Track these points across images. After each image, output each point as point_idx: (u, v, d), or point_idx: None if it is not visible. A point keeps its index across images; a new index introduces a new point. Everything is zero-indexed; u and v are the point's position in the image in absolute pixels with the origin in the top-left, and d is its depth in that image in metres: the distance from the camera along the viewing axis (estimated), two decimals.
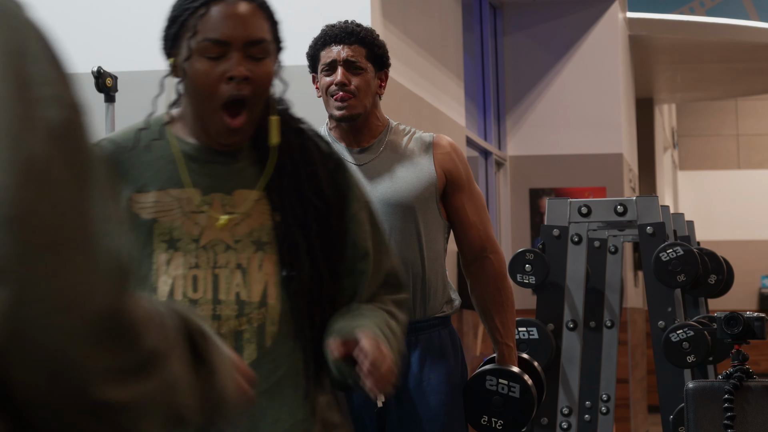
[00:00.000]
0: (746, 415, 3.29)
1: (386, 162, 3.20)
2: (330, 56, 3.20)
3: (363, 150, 3.22)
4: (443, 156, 3.22)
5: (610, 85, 8.81)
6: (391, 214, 3.15)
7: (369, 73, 3.20)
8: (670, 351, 4.00)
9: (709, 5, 9.95)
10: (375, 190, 3.16)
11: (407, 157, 3.20)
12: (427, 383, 3.18)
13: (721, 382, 3.33)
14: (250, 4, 2.12)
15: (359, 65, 3.19)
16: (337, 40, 3.21)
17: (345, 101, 3.17)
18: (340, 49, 3.20)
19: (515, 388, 3.20)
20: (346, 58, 3.19)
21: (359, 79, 3.18)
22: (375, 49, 3.22)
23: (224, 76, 2.09)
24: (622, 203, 4.21)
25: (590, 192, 8.59)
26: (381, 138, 3.23)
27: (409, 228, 3.16)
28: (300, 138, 2.17)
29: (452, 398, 3.19)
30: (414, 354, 3.19)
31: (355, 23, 3.24)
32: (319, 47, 3.24)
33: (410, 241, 3.16)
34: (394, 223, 3.15)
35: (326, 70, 3.21)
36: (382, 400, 3.21)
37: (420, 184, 3.17)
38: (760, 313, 3.43)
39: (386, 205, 3.16)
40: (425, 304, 3.19)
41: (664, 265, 4.07)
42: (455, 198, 3.22)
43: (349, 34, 3.21)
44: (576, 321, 4.38)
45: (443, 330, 3.23)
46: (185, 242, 2.10)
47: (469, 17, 8.24)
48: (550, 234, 4.24)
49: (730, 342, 3.44)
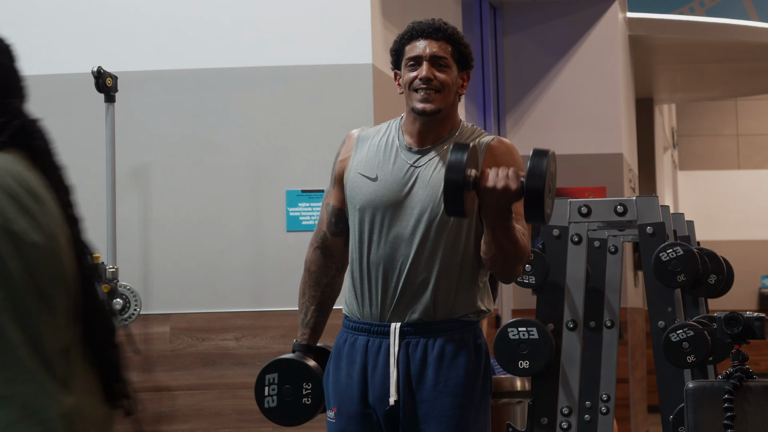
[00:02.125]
0: (746, 415, 3.29)
1: (437, 166, 3.19)
2: (415, 51, 3.19)
3: (422, 151, 3.22)
4: (494, 157, 3.20)
5: (610, 85, 8.81)
6: (425, 221, 3.16)
7: (453, 72, 3.20)
8: (670, 351, 4.00)
9: (709, 5, 9.94)
10: (417, 195, 3.17)
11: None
12: (443, 384, 3.19)
13: (721, 382, 3.33)
14: None
15: (445, 62, 3.18)
16: (424, 35, 3.19)
17: (429, 95, 3.16)
18: (427, 44, 3.18)
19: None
20: (433, 53, 3.17)
21: (444, 76, 3.18)
22: (461, 47, 3.22)
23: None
24: (622, 203, 4.21)
25: (590, 192, 8.59)
26: (446, 141, 3.22)
27: (441, 236, 3.17)
28: None
29: (468, 401, 3.19)
30: (432, 354, 3.20)
31: (442, 21, 3.23)
32: (405, 41, 3.22)
33: (439, 248, 3.17)
34: (426, 232, 3.16)
35: (411, 65, 3.20)
36: (394, 399, 3.22)
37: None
38: (760, 313, 3.42)
39: (422, 211, 3.16)
40: (447, 307, 3.20)
41: (664, 265, 4.06)
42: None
43: (436, 30, 3.19)
44: (576, 321, 4.38)
45: (466, 333, 3.23)
46: None
47: (469, 17, 8.24)
48: (550, 234, 4.23)
49: (730, 342, 3.43)
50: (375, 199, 3.20)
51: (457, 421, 3.17)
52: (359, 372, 3.23)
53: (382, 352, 3.21)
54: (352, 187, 3.25)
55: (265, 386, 3.33)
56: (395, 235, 3.18)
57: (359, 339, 3.24)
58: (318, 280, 3.36)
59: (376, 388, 3.21)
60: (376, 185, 3.21)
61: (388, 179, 3.21)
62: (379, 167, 3.23)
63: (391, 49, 3.27)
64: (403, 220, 3.18)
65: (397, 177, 3.21)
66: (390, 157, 3.23)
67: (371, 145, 3.27)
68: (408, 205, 3.18)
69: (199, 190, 5.53)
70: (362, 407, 3.23)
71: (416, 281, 3.18)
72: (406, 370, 3.20)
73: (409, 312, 3.19)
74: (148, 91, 5.63)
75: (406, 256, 3.17)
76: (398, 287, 3.19)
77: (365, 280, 3.22)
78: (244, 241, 5.54)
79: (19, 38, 6.43)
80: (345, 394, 3.25)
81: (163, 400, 5.44)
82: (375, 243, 3.20)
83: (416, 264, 3.17)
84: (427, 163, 3.21)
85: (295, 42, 5.63)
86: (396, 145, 3.25)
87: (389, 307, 3.20)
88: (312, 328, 3.36)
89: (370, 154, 3.26)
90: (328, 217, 3.34)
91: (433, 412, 3.18)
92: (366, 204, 3.21)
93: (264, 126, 5.59)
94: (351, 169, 3.27)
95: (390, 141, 3.26)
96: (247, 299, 5.47)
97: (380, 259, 3.19)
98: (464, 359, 3.21)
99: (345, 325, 3.30)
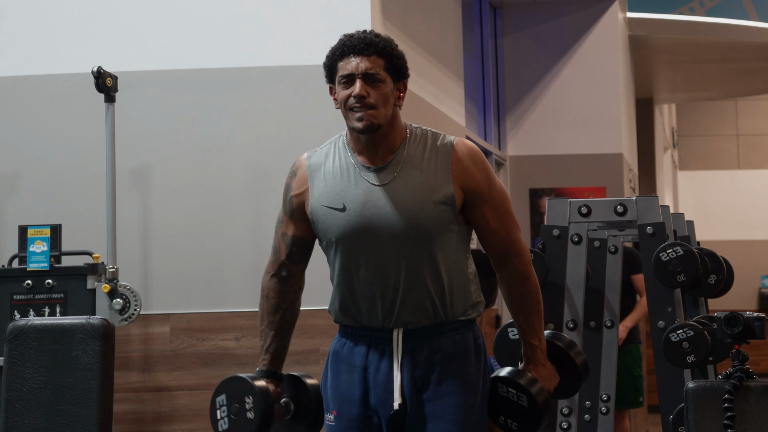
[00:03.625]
0: (746, 415, 3.29)
1: (404, 183, 3.16)
2: (348, 68, 3.14)
3: (380, 169, 3.18)
4: (461, 172, 3.18)
5: (610, 85, 8.81)
6: (408, 240, 3.15)
7: (388, 85, 3.16)
8: (670, 351, 4.00)
9: (709, 5, 9.94)
10: (391, 216, 3.15)
11: (425, 174, 3.17)
12: (447, 384, 3.19)
13: (721, 382, 3.33)
14: None
15: (378, 77, 3.14)
16: (355, 51, 3.14)
17: (364, 114, 3.14)
18: (359, 61, 3.14)
19: (523, 398, 3.23)
20: (365, 70, 3.13)
21: (378, 92, 3.14)
22: (394, 60, 3.18)
23: None
24: (622, 203, 4.21)
25: (590, 192, 8.59)
26: (399, 153, 3.19)
27: (426, 250, 3.16)
28: None
29: (471, 399, 3.20)
30: (436, 356, 3.20)
31: (373, 33, 3.17)
32: (336, 58, 3.17)
33: (427, 260, 3.16)
34: (410, 247, 3.16)
35: (344, 82, 3.15)
36: (398, 402, 3.22)
37: (437, 208, 3.14)
38: (760, 313, 3.42)
39: (402, 232, 3.15)
40: (446, 309, 3.20)
41: (664, 265, 4.07)
42: (476, 209, 3.19)
43: (367, 45, 3.14)
44: (576, 321, 4.38)
45: (467, 332, 3.23)
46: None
47: (469, 17, 8.24)
48: (550, 234, 4.24)
49: (730, 342, 3.43)
50: (349, 229, 3.18)
51: (462, 419, 3.17)
52: (360, 375, 3.23)
53: (385, 356, 3.21)
54: (323, 221, 3.22)
55: (217, 410, 3.32)
56: (380, 257, 3.17)
57: (360, 343, 3.24)
58: (277, 306, 3.34)
59: (378, 392, 3.21)
60: (347, 215, 3.18)
61: (356, 206, 3.18)
62: (342, 195, 3.20)
63: (324, 64, 3.23)
64: (384, 241, 3.16)
65: (363, 201, 3.17)
66: (350, 181, 3.20)
67: (326, 172, 3.23)
68: (384, 225, 3.16)
69: (199, 190, 5.52)
70: (363, 410, 3.23)
71: (413, 293, 3.18)
72: (411, 373, 3.20)
73: (410, 319, 3.19)
74: (148, 91, 5.63)
75: (398, 274, 3.16)
76: (396, 300, 3.18)
77: (358, 299, 3.21)
78: (244, 241, 5.53)
79: (19, 38, 6.45)
80: (345, 397, 3.24)
81: (163, 400, 5.44)
82: (363, 268, 3.18)
83: (409, 278, 3.17)
84: (391, 181, 3.18)
85: (295, 42, 5.63)
86: (353, 167, 3.22)
87: (391, 319, 3.20)
88: (273, 353, 3.34)
89: (328, 182, 3.22)
90: (288, 248, 3.31)
91: (439, 411, 3.18)
92: (341, 236, 3.19)
93: (264, 126, 5.59)
94: (314, 202, 3.23)
95: (344, 164, 3.22)
96: (247, 299, 5.46)
97: (370, 280, 3.18)
98: (467, 359, 3.22)
99: (343, 331, 3.29)
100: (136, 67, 5.62)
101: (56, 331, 3.31)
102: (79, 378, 3.27)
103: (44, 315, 4.96)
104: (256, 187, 5.57)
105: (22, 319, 3.35)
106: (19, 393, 3.27)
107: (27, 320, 3.32)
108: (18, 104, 5.67)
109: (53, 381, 3.27)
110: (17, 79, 5.65)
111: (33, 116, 5.66)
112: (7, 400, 3.25)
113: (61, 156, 5.60)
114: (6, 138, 5.67)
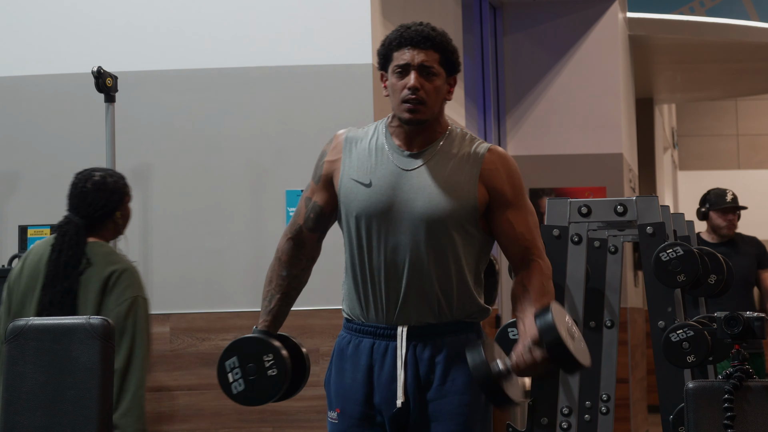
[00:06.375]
0: (746, 415, 3.29)
1: (431, 173, 3.19)
2: (404, 59, 3.19)
3: (414, 155, 3.22)
4: (490, 173, 3.20)
5: (610, 85, 8.81)
6: (423, 229, 3.16)
7: (441, 78, 3.21)
8: (670, 351, 4.00)
9: (709, 5, 9.94)
10: (413, 201, 3.17)
11: (454, 170, 3.19)
12: (451, 384, 3.19)
13: (721, 382, 3.33)
14: None
15: (433, 71, 3.19)
16: (413, 44, 3.19)
17: (416, 106, 3.17)
18: (415, 53, 3.18)
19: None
20: (421, 63, 3.18)
21: (431, 85, 3.18)
22: (448, 54, 3.22)
23: None
24: (622, 203, 4.21)
25: (590, 192, 8.59)
26: (435, 145, 3.23)
27: (439, 243, 3.17)
28: None
29: (475, 399, 3.20)
30: (439, 355, 3.20)
31: (430, 26, 3.23)
32: (393, 48, 3.22)
33: (438, 254, 3.17)
34: (424, 237, 3.16)
35: (399, 72, 3.20)
36: (401, 401, 3.22)
37: (458, 203, 3.16)
38: (760, 313, 3.42)
39: (419, 220, 3.16)
40: (452, 309, 3.20)
41: (664, 265, 4.06)
42: (500, 213, 3.20)
43: (424, 39, 3.19)
44: (576, 321, 4.37)
45: (471, 333, 3.24)
46: None
47: (469, 17, 8.24)
48: (550, 234, 4.24)
49: (730, 342, 3.43)
50: (371, 206, 3.20)
51: (465, 418, 3.18)
52: (364, 374, 3.23)
53: (389, 354, 3.21)
54: (347, 193, 3.24)
55: (228, 373, 3.31)
56: (395, 241, 3.18)
57: (364, 341, 3.24)
58: (288, 269, 3.35)
59: (382, 390, 3.21)
60: (371, 191, 3.20)
61: (381, 185, 3.20)
62: (371, 172, 3.23)
63: (378, 51, 3.27)
64: (401, 226, 3.17)
65: (390, 182, 3.20)
66: (381, 160, 3.23)
67: (361, 148, 3.27)
68: (404, 210, 3.18)
69: (199, 190, 5.53)
70: (366, 408, 3.23)
71: (420, 285, 3.18)
72: (414, 372, 3.20)
73: (415, 315, 3.20)
74: (148, 91, 5.63)
75: (409, 262, 3.17)
76: (402, 292, 3.19)
77: (368, 286, 3.22)
78: (244, 241, 5.54)
79: (19, 38, 6.46)
80: (349, 395, 3.25)
81: (163, 400, 5.44)
82: (375, 249, 3.20)
83: (419, 269, 3.18)
84: (420, 167, 3.20)
85: (295, 42, 5.63)
86: (386, 148, 3.24)
87: (395, 312, 3.20)
88: (274, 316, 3.35)
89: (361, 158, 3.25)
90: (307, 212, 3.34)
91: (441, 410, 3.19)
92: (362, 211, 3.21)
93: (264, 126, 5.59)
94: (344, 174, 3.26)
95: (380, 144, 3.25)
96: (247, 299, 5.47)
97: (381, 265, 3.19)
98: None
99: (347, 327, 3.29)
100: (136, 67, 5.62)
101: (56, 331, 3.31)
102: (79, 378, 3.27)
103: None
104: (256, 187, 5.57)
105: (22, 319, 3.35)
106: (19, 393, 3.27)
107: (27, 320, 3.32)
108: (18, 104, 5.67)
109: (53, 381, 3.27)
110: (17, 79, 5.65)
111: (33, 116, 5.66)
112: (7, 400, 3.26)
113: (61, 156, 5.60)
114: (6, 138, 5.67)
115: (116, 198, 4.22)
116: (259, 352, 3.29)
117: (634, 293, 9.39)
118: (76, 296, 4.06)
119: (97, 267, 4.10)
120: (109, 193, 4.20)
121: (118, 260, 4.15)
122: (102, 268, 4.09)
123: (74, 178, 4.23)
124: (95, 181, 4.20)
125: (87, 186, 4.19)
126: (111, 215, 4.21)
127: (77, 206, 4.18)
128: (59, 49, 5.66)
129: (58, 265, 4.09)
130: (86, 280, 4.08)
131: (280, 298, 3.35)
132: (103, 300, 4.06)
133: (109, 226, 4.22)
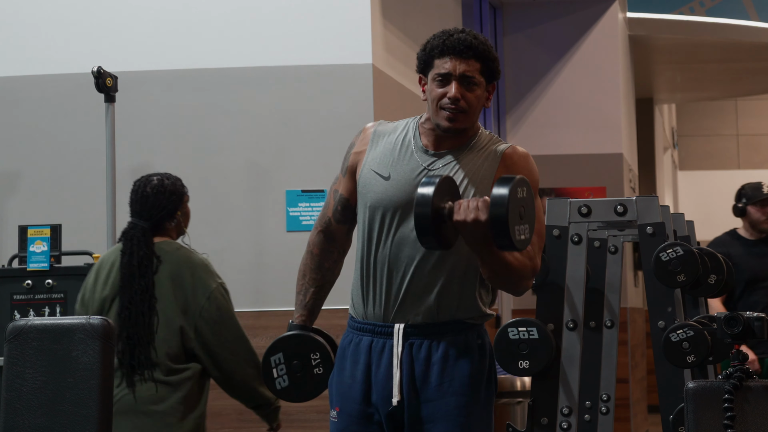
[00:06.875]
0: (746, 415, 3.29)
1: (449, 173, 3.19)
2: (445, 68, 3.18)
3: (437, 154, 3.23)
4: (507, 169, 3.20)
5: (610, 85, 8.81)
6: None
7: (481, 88, 3.20)
8: (670, 351, 4.00)
9: (709, 5, 9.95)
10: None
11: (475, 169, 3.20)
12: (448, 384, 3.19)
13: (721, 382, 3.33)
14: None
15: (474, 81, 3.18)
16: (455, 53, 3.17)
17: (455, 115, 3.17)
18: (457, 63, 3.17)
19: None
20: (462, 73, 3.17)
21: (472, 95, 3.18)
22: (489, 63, 3.21)
23: None
24: (622, 203, 4.21)
25: (590, 192, 8.59)
26: (461, 148, 3.23)
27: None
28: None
29: (473, 400, 3.20)
30: (436, 354, 3.20)
31: (472, 35, 3.20)
32: (435, 55, 3.21)
33: (445, 253, 3.17)
34: None
35: (439, 80, 3.19)
36: (397, 399, 3.23)
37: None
38: (760, 314, 3.42)
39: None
40: (452, 310, 3.20)
41: (664, 265, 4.06)
42: None
43: (467, 48, 3.17)
44: (576, 321, 4.38)
45: (470, 333, 3.24)
46: None
47: (469, 17, 8.24)
48: (550, 234, 4.23)
49: (730, 342, 3.43)
50: (385, 199, 3.20)
51: (463, 420, 3.18)
52: (362, 372, 3.24)
53: (385, 352, 3.22)
54: (365, 183, 3.25)
55: (273, 368, 3.34)
56: (401, 235, 3.19)
57: (363, 339, 3.25)
58: (320, 263, 3.37)
59: (379, 388, 3.22)
60: (388, 184, 3.21)
61: (400, 179, 3.21)
62: (392, 166, 3.23)
63: (418, 55, 3.25)
64: (411, 222, 3.17)
65: (408, 178, 3.21)
66: (404, 156, 3.24)
67: (387, 142, 3.28)
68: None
69: (199, 190, 5.53)
70: (364, 407, 3.24)
71: (420, 284, 3.18)
72: (410, 370, 3.20)
73: (412, 313, 3.20)
74: (148, 91, 5.63)
75: (411, 258, 3.17)
76: (401, 288, 3.19)
77: (370, 278, 3.22)
78: (244, 241, 5.53)
79: (19, 38, 6.46)
80: (347, 393, 3.26)
81: None
82: (382, 242, 3.21)
83: (421, 267, 3.18)
84: (442, 168, 3.21)
85: (295, 42, 5.63)
86: (411, 146, 3.25)
87: (392, 308, 3.20)
88: (310, 310, 3.37)
89: (385, 151, 3.26)
90: (335, 204, 3.36)
91: (439, 411, 3.19)
92: (376, 203, 3.21)
93: (264, 126, 5.59)
94: (365, 164, 3.27)
95: (406, 140, 3.26)
96: (247, 299, 5.46)
97: (385, 259, 3.20)
98: (468, 359, 3.22)
99: (350, 325, 3.31)
100: (136, 67, 5.62)
101: (56, 331, 3.31)
102: (79, 378, 3.26)
103: (44, 315, 4.96)
104: (256, 187, 5.57)
105: (22, 319, 3.35)
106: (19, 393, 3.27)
107: (27, 320, 3.32)
108: (18, 104, 5.67)
109: (53, 381, 3.27)
110: (17, 79, 5.65)
111: (33, 116, 5.66)
112: (7, 400, 3.25)
113: (61, 156, 5.60)
114: (6, 138, 5.67)
115: (176, 199, 4.35)
116: (307, 350, 3.33)
117: (634, 293, 9.39)
118: (153, 295, 4.18)
119: (170, 264, 4.23)
120: (169, 194, 4.33)
121: (188, 255, 4.28)
122: (175, 266, 4.22)
123: (134, 185, 4.37)
124: (154, 185, 4.33)
125: (147, 190, 4.33)
126: (173, 215, 4.34)
127: (140, 211, 4.32)
128: (59, 49, 5.66)
129: (131, 266, 4.21)
130: (161, 278, 4.21)
131: (315, 292, 3.38)
132: (185, 296, 4.20)
133: (172, 226, 4.35)
